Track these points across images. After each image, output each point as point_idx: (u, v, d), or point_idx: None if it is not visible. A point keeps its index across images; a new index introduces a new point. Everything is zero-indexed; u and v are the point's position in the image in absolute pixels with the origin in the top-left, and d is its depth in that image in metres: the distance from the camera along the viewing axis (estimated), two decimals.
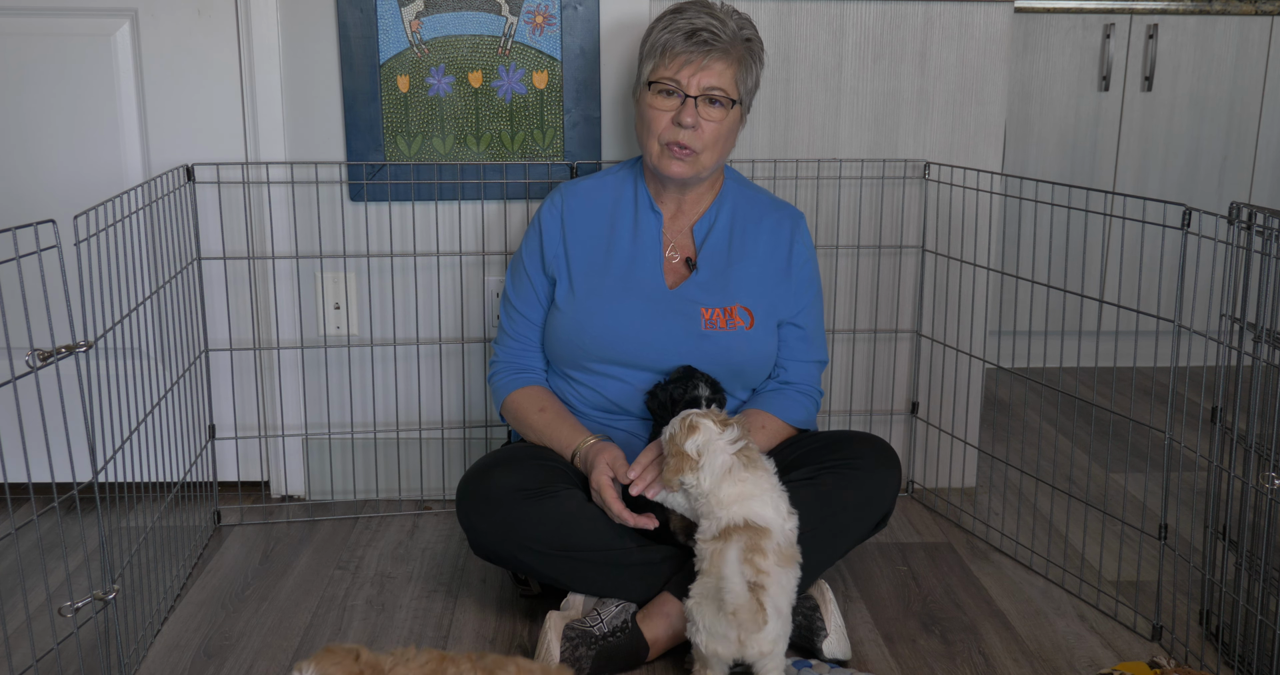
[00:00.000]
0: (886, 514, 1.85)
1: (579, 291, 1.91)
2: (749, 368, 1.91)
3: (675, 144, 1.84)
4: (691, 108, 1.82)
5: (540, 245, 1.96)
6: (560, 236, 1.95)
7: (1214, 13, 3.21)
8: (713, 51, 1.82)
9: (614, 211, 1.96)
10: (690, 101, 1.82)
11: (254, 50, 2.16)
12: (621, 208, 1.95)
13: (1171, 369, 1.75)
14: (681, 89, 1.83)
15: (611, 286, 1.90)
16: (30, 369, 1.35)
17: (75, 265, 1.62)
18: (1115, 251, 3.21)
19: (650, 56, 1.87)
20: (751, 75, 1.88)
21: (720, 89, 1.83)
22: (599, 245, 1.94)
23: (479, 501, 1.76)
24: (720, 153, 1.89)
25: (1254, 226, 1.58)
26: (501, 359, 2.00)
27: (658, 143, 1.86)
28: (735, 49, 1.84)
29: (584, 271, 1.92)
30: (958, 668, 1.73)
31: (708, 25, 1.82)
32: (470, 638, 1.82)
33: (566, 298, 1.92)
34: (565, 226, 1.95)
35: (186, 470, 2.08)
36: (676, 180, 1.89)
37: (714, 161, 1.88)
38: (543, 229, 1.96)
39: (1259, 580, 1.64)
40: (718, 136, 1.85)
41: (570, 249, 1.94)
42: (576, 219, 1.95)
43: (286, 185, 2.23)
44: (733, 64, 1.84)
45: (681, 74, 1.82)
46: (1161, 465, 2.58)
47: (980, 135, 2.31)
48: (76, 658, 1.68)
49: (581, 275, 1.92)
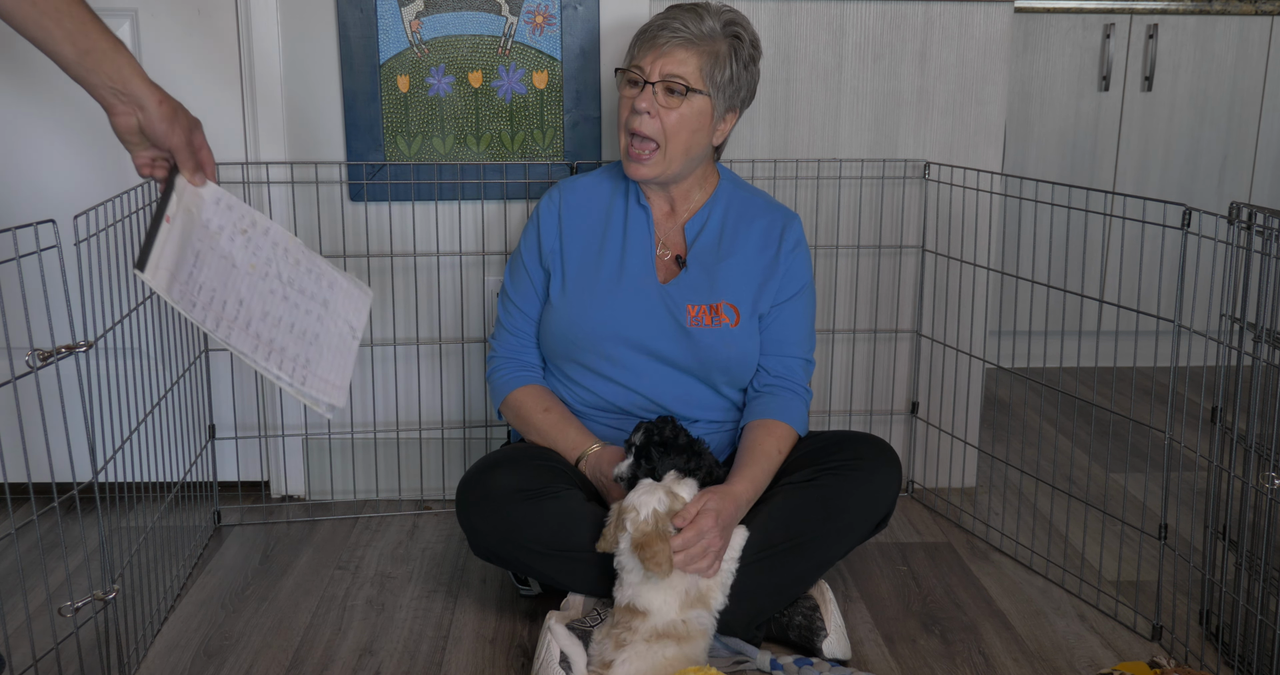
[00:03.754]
0: (887, 514, 1.85)
1: (571, 287, 1.91)
2: (734, 365, 1.90)
3: (635, 134, 1.84)
4: (649, 93, 1.82)
5: (538, 240, 1.96)
6: (557, 231, 1.95)
7: (1214, 13, 3.21)
8: (676, 40, 1.82)
9: (608, 208, 1.96)
10: (649, 88, 1.82)
11: (254, 50, 2.17)
12: (615, 204, 1.96)
13: (1171, 369, 1.75)
14: (644, 75, 1.83)
15: (603, 282, 1.90)
16: (30, 369, 1.35)
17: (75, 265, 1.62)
18: (1115, 251, 3.21)
19: (630, 48, 1.90)
20: (725, 70, 1.85)
21: (679, 77, 1.81)
22: (593, 241, 1.94)
23: (479, 501, 1.76)
24: (684, 145, 1.85)
25: (1254, 226, 1.58)
26: (500, 354, 2.00)
27: (624, 134, 1.87)
28: (707, 42, 1.83)
29: (577, 267, 1.93)
30: (958, 668, 1.73)
31: (684, 20, 1.83)
32: (470, 638, 1.82)
33: (559, 293, 1.92)
34: (562, 221, 1.95)
35: (186, 470, 2.08)
36: (645, 182, 1.90)
37: (679, 154, 1.86)
38: (540, 224, 1.97)
39: (1259, 580, 1.64)
40: (679, 126, 1.83)
41: (566, 244, 1.94)
42: (573, 214, 1.96)
43: (286, 185, 2.23)
44: (699, 54, 1.82)
45: (645, 60, 1.83)
46: (1161, 465, 2.58)
47: (980, 135, 2.31)
48: (76, 658, 1.68)
49: (574, 271, 1.92)
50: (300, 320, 1.59)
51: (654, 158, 1.84)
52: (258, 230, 1.61)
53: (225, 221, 1.57)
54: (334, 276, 1.69)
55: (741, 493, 1.74)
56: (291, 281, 1.62)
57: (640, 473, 1.69)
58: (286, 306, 1.59)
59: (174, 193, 1.51)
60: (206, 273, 1.50)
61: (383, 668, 1.72)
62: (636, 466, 1.70)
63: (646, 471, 1.69)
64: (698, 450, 1.72)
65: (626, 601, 1.60)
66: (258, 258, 1.58)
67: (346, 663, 1.73)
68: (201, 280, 1.49)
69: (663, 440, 1.70)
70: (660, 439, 1.70)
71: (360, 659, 1.75)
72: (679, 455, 1.70)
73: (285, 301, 1.59)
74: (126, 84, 1.45)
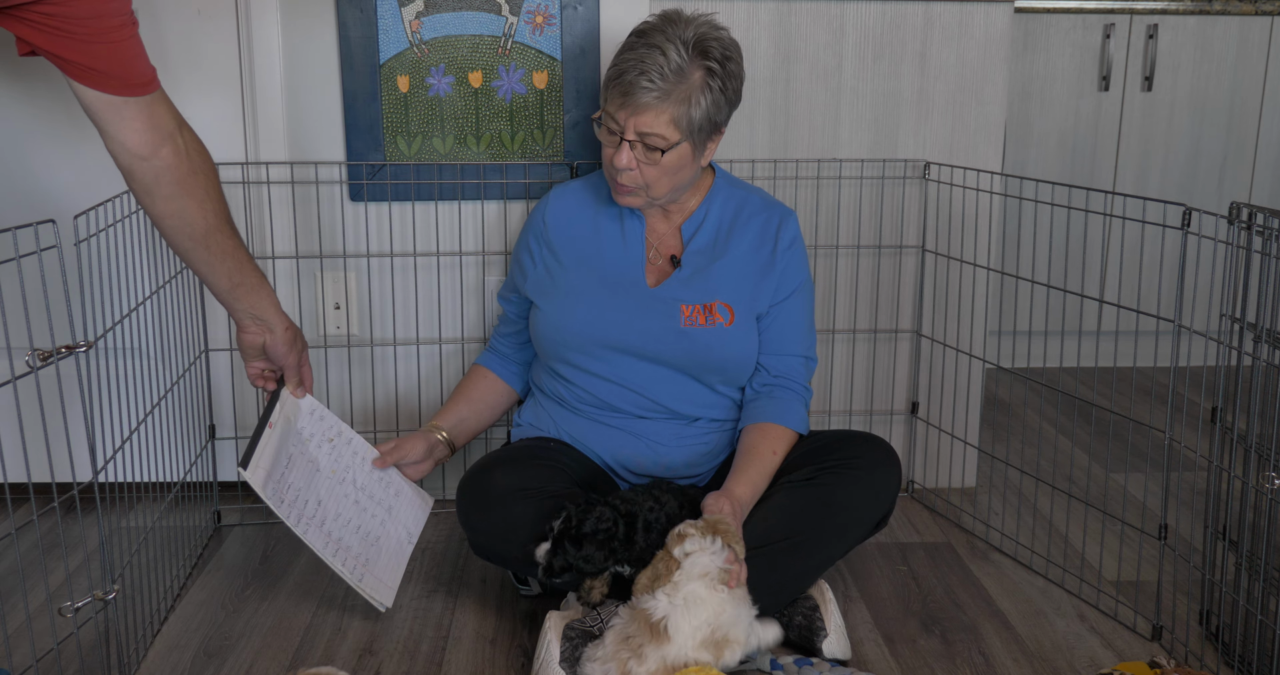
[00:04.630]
0: (887, 514, 1.85)
1: (557, 292, 1.92)
2: (730, 365, 1.90)
3: (618, 181, 1.83)
4: (626, 150, 1.78)
5: (527, 244, 1.99)
6: (544, 238, 1.96)
7: (1214, 13, 3.21)
8: (644, 96, 1.74)
9: (599, 214, 1.96)
10: (625, 144, 1.78)
11: (254, 50, 2.16)
12: (607, 211, 1.96)
13: (1171, 369, 1.75)
14: (620, 131, 1.79)
15: (589, 289, 1.91)
16: (30, 369, 1.35)
17: (75, 265, 1.62)
18: (1115, 251, 3.21)
19: (604, 86, 1.84)
20: (700, 107, 1.77)
21: (656, 134, 1.76)
22: (582, 247, 1.94)
23: (479, 501, 1.76)
24: (670, 186, 1.84)
25: (1254, 226, 1.58)
26: (490, 343, 2.12)
27: (609, 171, 1.85)
28: (679, 86, 1.75)
29: (564, 273, 1.93)
30: (958, 668, 1.73)
31: (648, 65, 1.74)
32: (470, 638, 1.82)
33: (546, 297, 1.92)
34: (549, 228, 1.96)
35: (186, 470, 2.08)
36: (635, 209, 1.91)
37: (665, 192, 1.85)
38: (529, 229, 2.00)
39: (1259, 580, 1.64)
40: (660, 174, 1.81)
41: (554, 250, 1.95)
42: (560, 221, 1.96)
43: (286, 185, 2.23)
44: (671, 105, 1.75)
45: (620, 115, 1.78)
46: (1161, 465, 2.58)
47: (980, 135, 2.31)
48: (76, 658, 1.68)
49: (561, 277, 1.93)
50: (366, 523, 1.84)
51: (640, 193, 1.85)
52: (342, 440, 1.89)
53: (316, 430, 1.86)
54: (401, 485, 1.92)
55: (741, 495, 1.74)
56: (364, 487, 1.87)
57: (556, 562, 1.65)
58: (357, 510, 1.83)
59: (279, 403, 1.80)
60: (295, 474, 1.77)
61: (383, 668, 1.72)
62: (553, 555, 1.65)
63: (561, 564, 1.65)
64: (630, 542, 1.65)
65: (658, 617, 1.54)
66: (339, 464, 1.86)
67: (346, 663, 1.73)
68: (290, 481, 1.76)
69: (579, 534, 1.63)
70: (576, 532, 1.64)
71: (360, 659, 1.75)
72: (598, 549, 1.64)
73: (356, 505, 1.84)
74: (264, 313, 1.76)
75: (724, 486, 1.76)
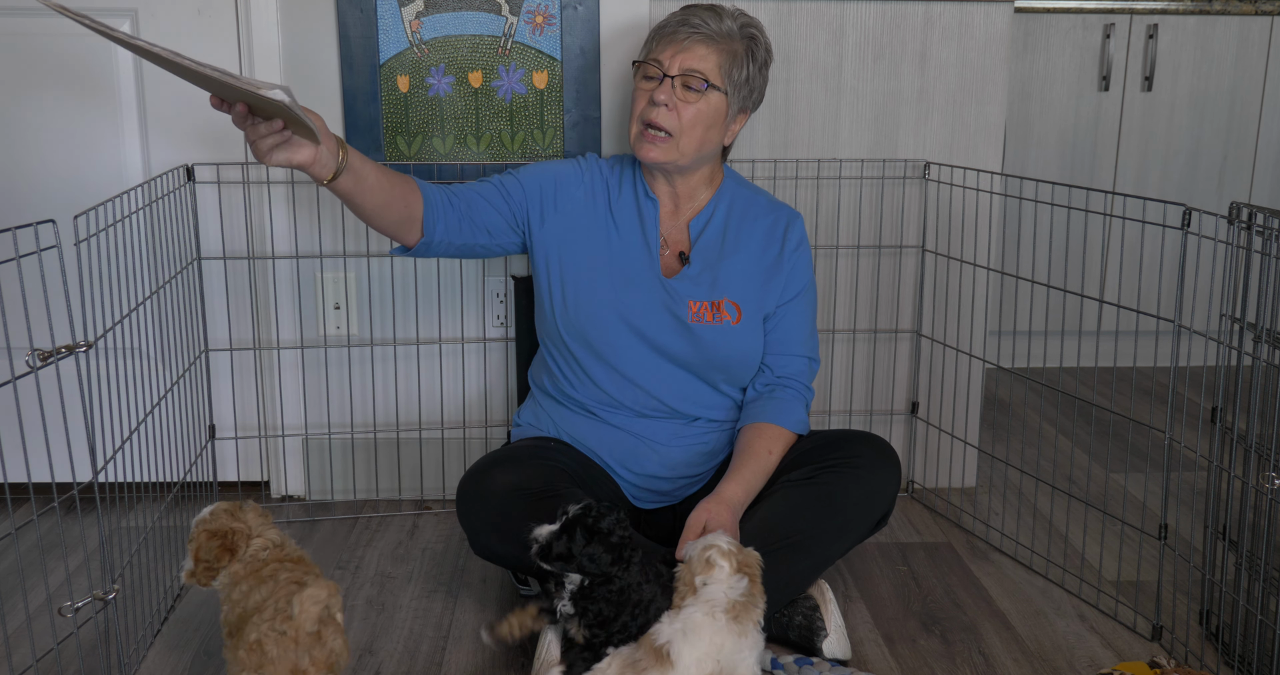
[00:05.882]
0: (886, 513, 1.85)
1: (572, 274, 1.90)
2: (734, 363, 1.90)
3: (650, 124, 1.83)
4: (668, 86, 1.82)
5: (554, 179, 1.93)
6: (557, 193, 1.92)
7: (1214, 13, 3.21)
8: (696, 35, 1.83)
9: (618, 195, 1.95)
10: (668, 81, 1.82)
11: (254, 50, 2.17)
12: (625, 192, 1.95)
13: (1171, 369, 1.75)
14: (663, 69, 1.83)
15: (609, 267, 1.90)
16: (30, 369, 1.35)
17: (75, 265, 1.62)
18: (1115, 251, 3.21)
19: (646, 43, 1.90)
20: (743, 70, 1.86)
21: (699, 72, 1.82)
22: (599, 222, 1.92)
23: (479, 501, 1.76)
24: (698, 141, 1.86)
25: (1254, 226, 1.58)
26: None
27: (637, 123, 1.86)
28: (726, 41, 1.84)
29: (578, 254, 1.91)
30: (958, 668, 1.73)
31: (704, 18, 1.84)
32: (470, 638, 1.82)
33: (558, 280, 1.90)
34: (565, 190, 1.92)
35: (186, 470, 2.08)
36: (654, 166, 1.88)
37: (692, 149, 1.86)
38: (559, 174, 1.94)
39: (1259, 580, 1.64)
40: (695, 121, 1.83)
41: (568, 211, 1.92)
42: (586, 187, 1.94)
43: (286, 185, 2.23)
44: (718, 51, 1.83)
45: (664, 55, 1.84)
46: (1161, 465, 2.58)
47: (980, 135, 2.31)
48: (76, 658, 1.68)
49: (574, 258, 1.91)
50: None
51: (667, 144, 1.84)
52: None
53: None
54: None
55: (734, 495, 1.75)
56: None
57: (558, 547, 1.55)
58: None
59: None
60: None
61: (383, 668, 1.72)
62: (558, 538, 1.55)
63: (561, 552, 1.55)
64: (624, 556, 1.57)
65: (661, 642, 1.51)
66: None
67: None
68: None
69: (594, 527, 1.55)
70: (594, 524, 1.55)
71: (360, 659, 1.75)
72: (606, 551, 1.55)
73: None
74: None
75: (717, 487, 1.77)
